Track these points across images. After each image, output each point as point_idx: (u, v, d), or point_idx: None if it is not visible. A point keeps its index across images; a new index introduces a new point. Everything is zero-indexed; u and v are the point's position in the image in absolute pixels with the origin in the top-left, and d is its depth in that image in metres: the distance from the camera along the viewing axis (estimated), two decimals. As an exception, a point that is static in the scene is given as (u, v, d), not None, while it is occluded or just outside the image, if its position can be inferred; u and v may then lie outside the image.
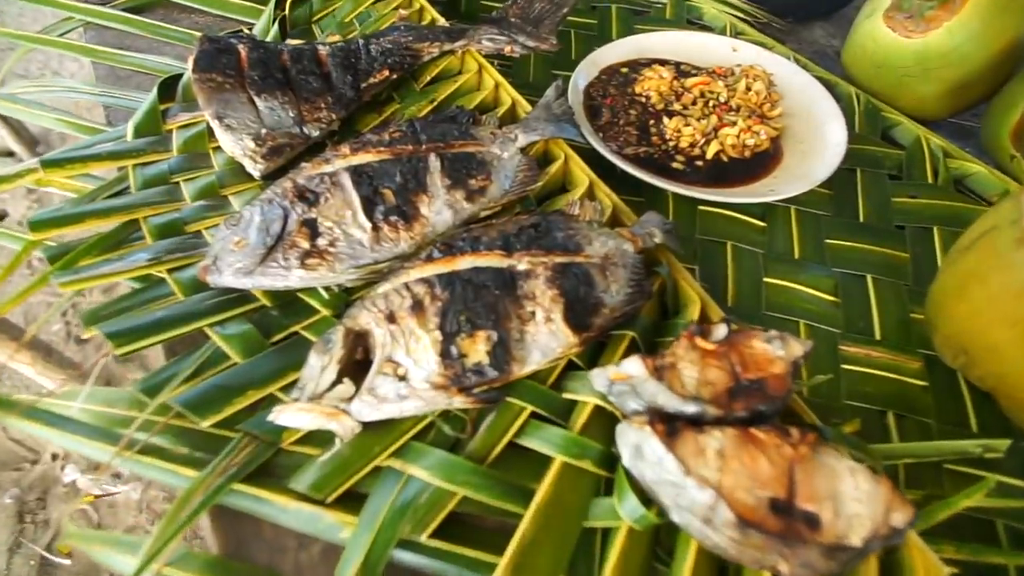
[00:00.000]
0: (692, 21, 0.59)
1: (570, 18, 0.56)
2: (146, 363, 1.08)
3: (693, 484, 0.22)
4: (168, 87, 0.43)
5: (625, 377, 0.25)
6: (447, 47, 0.45)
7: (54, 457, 1.08)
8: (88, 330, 0.29)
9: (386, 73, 0.43)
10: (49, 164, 0.36)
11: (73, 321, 1.23)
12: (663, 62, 0.50)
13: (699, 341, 0.26)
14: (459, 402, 0.27)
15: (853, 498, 0.22)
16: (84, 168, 0.37)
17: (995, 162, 0.46)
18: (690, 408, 0.25)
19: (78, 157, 0.37)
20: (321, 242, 0.31)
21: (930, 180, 0.44)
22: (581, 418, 0.27)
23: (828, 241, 0.40)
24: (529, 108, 0.41)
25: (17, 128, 1.47)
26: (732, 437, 0.23)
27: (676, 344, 0.26)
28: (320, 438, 0.27)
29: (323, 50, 0.43)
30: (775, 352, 0.26)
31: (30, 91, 0.47)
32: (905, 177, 0.45)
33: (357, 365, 0.28)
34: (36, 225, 0.33)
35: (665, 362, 0.25)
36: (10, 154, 1.58)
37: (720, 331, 0.26)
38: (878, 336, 0.35)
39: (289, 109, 0.39)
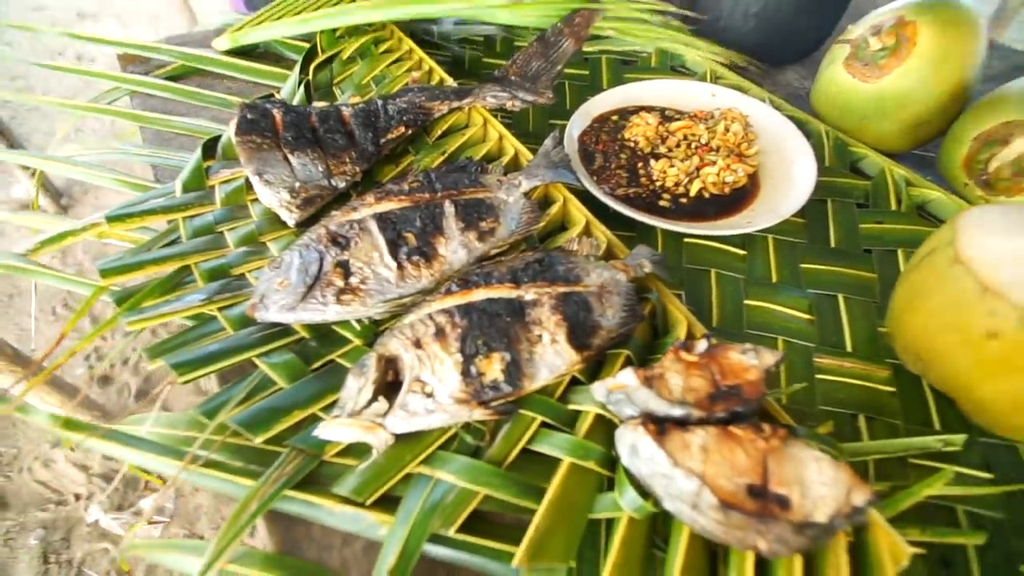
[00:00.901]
0: (675, 68, 0.65)
1: (565, 71, 0.62)
2: (164, 402, 1.12)
3: (681, 474, 0.26)
4: (209, 147, 0.49)
5: (621, 387, 0.29)
6: (455, 104, 0.51)
7: (77, 498, 1.11)
8: (153, 362, 0.34)
9: (402, 129, 0.48)
10: (113, 219, 0.41)
11: (95, 364, 1.28)
12: (649, 109, 0.56)
13: (683, 354, 0.30)
14: (479, 415, 0.31)
15: (818, 482, 0.26)
16: (142, 221, 0.42)
17: (952, 189, 0.50)
18: (677, 411, 0.29)
19: (137, 212, 0.42)
20: (353, 280, 0.36)
21: (894, 207, 0.49)
22: (585, 425, 0.31)
23: (803, 265, 0.45)
24: (530, 156, 0.46)
25: (44, 182, 1.55)
26: (713, 434, 0.27)
27: (664, 357, 0.30)
28: (358, 450, 0.31)
29: (346, 111, 0.49)
30: (749, 362, 0.30)
31: (85, 153, 0.53)
32: (872, 205, 0.49)
33: (389, 385, 0.32)
34: (105, 272, 0.38)
35: (654, 373, 0.29)
36: (31, 206, 1.66)
37: (701, 345, 0.31)
38: (849, 348, 0.39)
39: (319, 164, 0.45)
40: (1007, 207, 0.34)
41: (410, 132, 0.49)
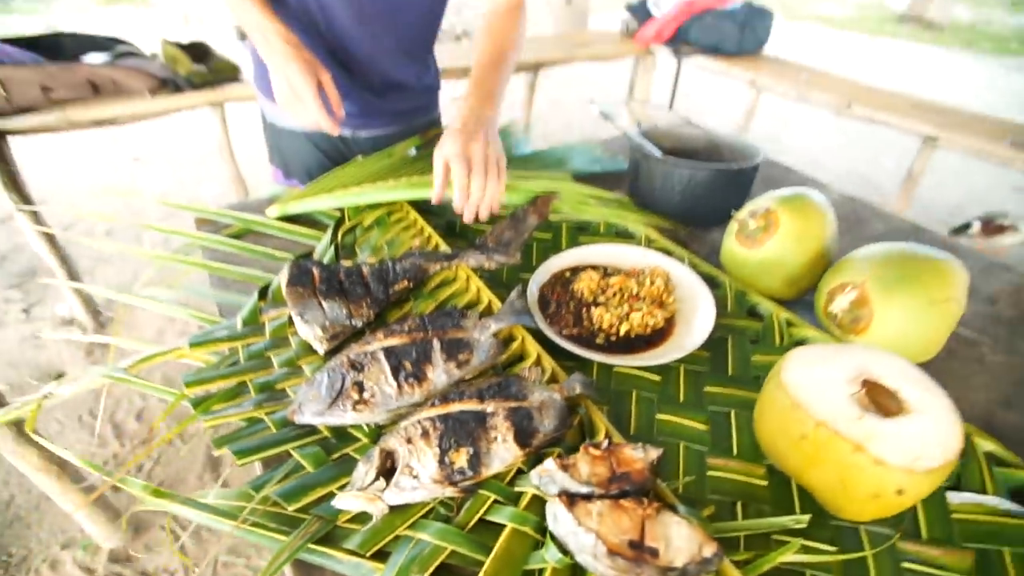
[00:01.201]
0: (619, 233, 0.85)
1: (534, 235, 0.81)
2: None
3: (583, 531, 0.38)
4: (262, 291, 0.65)
5: (546, 472, 0.43)
6: (446, 264, 0.68)
7: None
8: (219, 450, 0.47)
9: (406, 283, 0.65)
10: (194, 344, 0.57)
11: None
12: (595, 266, 0.73)
13: (591, 450, 0.44)
14: (450, 492, 0.44)
15: (678, 538, 0.39)
16: (214, 347, 0.57)
17: (823, 328, 0.66)
18: (584, 489, 0.41)
19: (211, 340, 0.58)
20: (365, 395, 0.50)
21: (778, 343, 0.64)
22: (524, 501, 0.43)
23: (705, 388, 0.59)
24: (500, 304, 0.63)
25: (86, 301, 1.74)
26: (608, 504, 0.40)
27: (578, 453, 0.44)
28: (362, 518, 0.43)
29: (365, 269, 0.66)
30: (637, 455, 0.43)
31: (163, 293, 0.69)
32: (761, 341, 0.65)
33: (387, 470, 0.45)
34: (189, 383, 0.52)
35: (570, 462, 0.43)
36: (72, 322, 1.83)
37: (604, 443, 0.44)
38: (735, 452, 0.52)
39: (343, 308, 0.61)
40: (819, 347, 0.49)
41: (412, 285, 0.66)
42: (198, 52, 1.68)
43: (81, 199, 2.69)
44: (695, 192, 0.85)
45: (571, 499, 0.40)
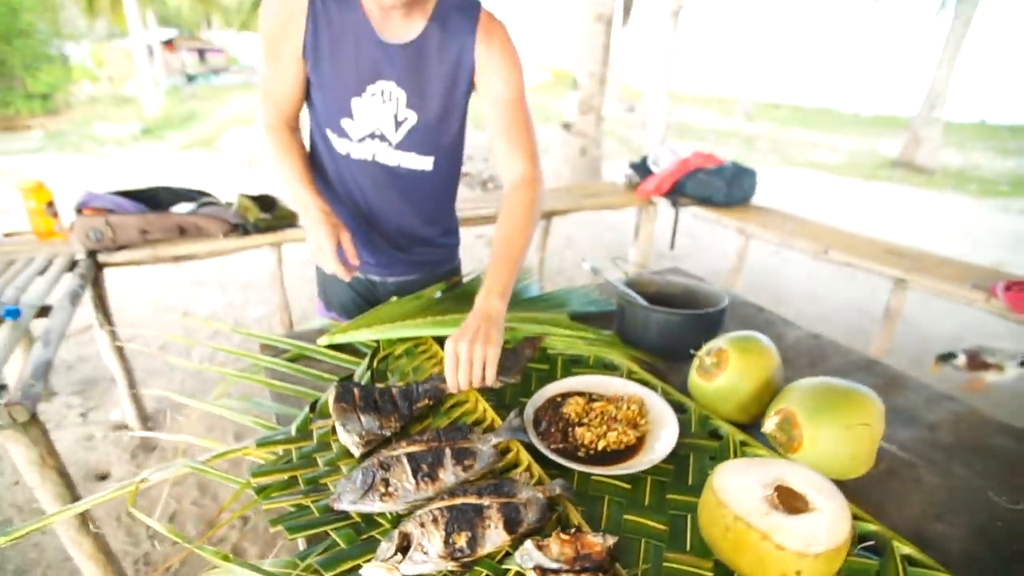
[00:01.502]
0: (606, 364, 1.01)
1: (534, 365, 0.98)
2: None
3: (549, 596, 0.50)
4: (312, 406, 0.82)
5: (526, 550, 0.55)
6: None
7: None
8: (275, 526, 0.61)
9: (427, 401, 0.82)
10: (260, 444, 0.72)
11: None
12: (582, 393, 0.89)
13: (562, 535, 0.57)
14: (452, 566, 0.56)
15: (622, 606, 0.50)
16: (273, 448, 0.73)
17: (771, 446, 0.79)
18: (553, 565, 0.54)
19: (272, 441, 0.73)
20: (391, 489, 0.65)
21: (733, 458, 0.77)
22: (511, 575, 0.56)
23: (668, 496, 0.71)
24: (501, 422, 0.78)
25: (139, 408, 1.91)
26: (570, 577, 0.52)
27: (551, 537, 0.57)
28: (382, 586, 0.55)
29: (394, 390, 0.83)
30: (597, 541, 0.56)
31: (231, 402, 0.86)
32: (719, 458, 0.78)
33: (404, 548, 0.58)
34: (255, 473, 0.67)
35: (544, 543, 0.55)
36: (124, 426, 2.00)
37: (572, 531, 0.57)
38: (688, 548, 0.63)
39: (376, 421, 0.77)
40: (748, 460, 0.63)
41: (431, 403, 0.82)
42: (265, 202, 2.03)
43: (146, 316, 2.99)
44: (670, 332, 1.03)
45: (543, 572, 0.53)
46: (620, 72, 20.03)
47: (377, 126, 1.02)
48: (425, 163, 1.07)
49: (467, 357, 0.80)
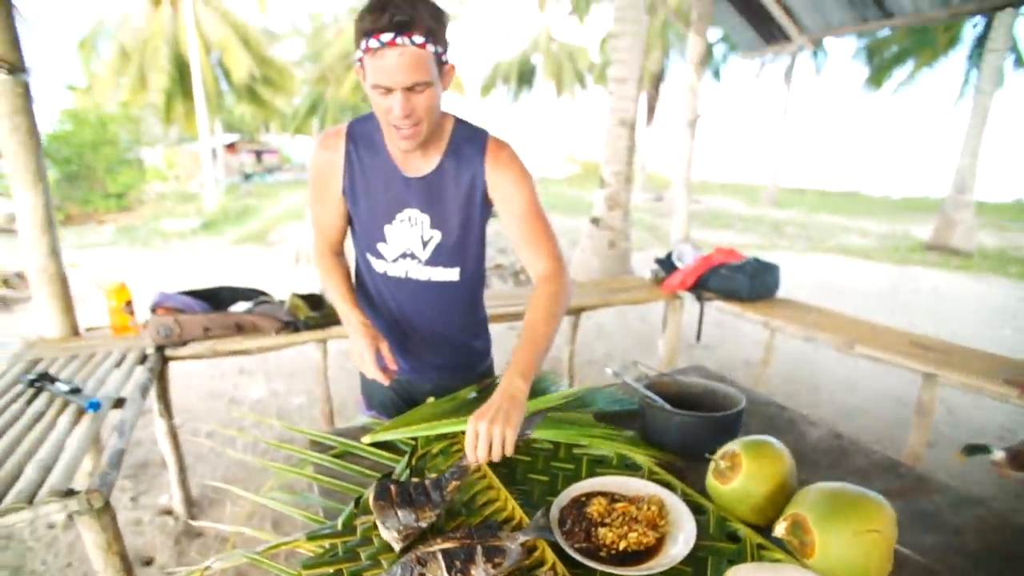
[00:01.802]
0: (628, 464, 1.07)
1: (560, 465, 1.05)
2: None
3: None
4: (356, 502, 0.91)
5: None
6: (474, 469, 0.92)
7: None
8: (325, 621, 0.68)
9: (455, 483, 0.89)
10: (310, 538, 0.81)
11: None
12: (605, 493, 0.95)
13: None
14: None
15: None
16: (321, 541, 0.81)
17: (787, 550, 0.82)
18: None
19: (320, 535, 0.82)
20: (427, 584, 0.71)
21: (749, 561, 0.81)
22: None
23: (686, 599, 0.75)
24: (528, 520, 0.85)
25: (186, 494, 2.00)
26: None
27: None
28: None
29: (427, 482, 0.91)
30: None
31: (281, 495, 0.95)
32: (737, 560, 0.81)
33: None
34: (307, 566, 0.75)
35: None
36: (170, 512, 2.08)
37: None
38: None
39: (412, 515, 0.84)
40: (760, 564, 0.68)
41: (459, 483, 0.89)
42: (315, 301, 2.22)
43: (194, 401, 3.16)
44: (689, 433, 1.09)
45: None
46: (647, 163, 20.93)
47: (408, 247, 1.18)
48: (452, 274, 1.21)
49: (486, 435, 0.89)
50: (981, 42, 10.59)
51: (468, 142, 1.14)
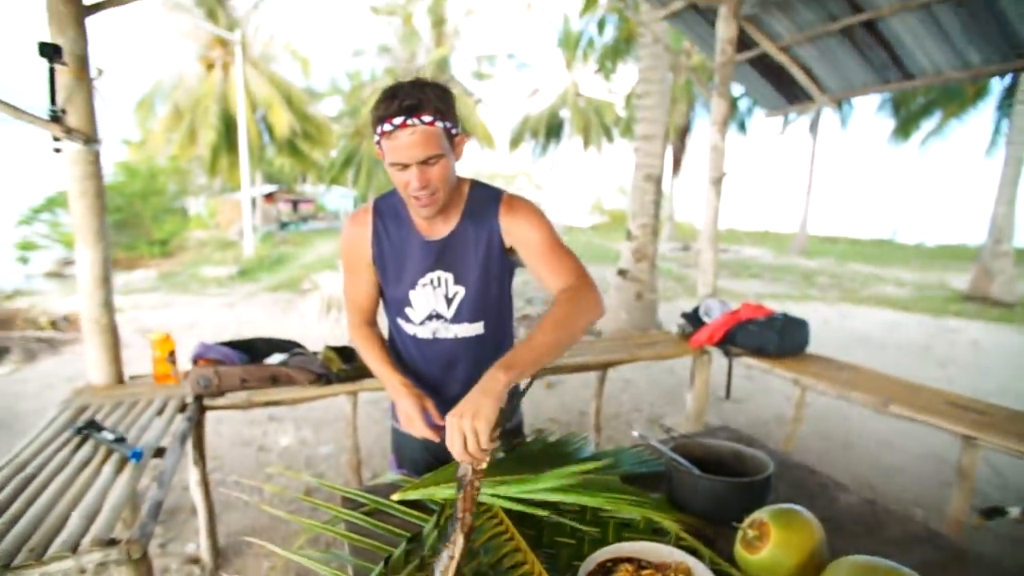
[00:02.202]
0: (656, 529, 1.06)
1: (585, 528, 1.05)
2: None
3: None
4: (386, 561, 0.92)
5: None
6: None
7: None
8: None
9: (459, 496, 0.90)
10: (343, 602, 0.83)
11: None
12: (631, 559, 0.95)
13: None
14: None
15: None
16: (354, 604, 0.83)
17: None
18: None
19: (353, 599, 0.84)
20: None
21: (781, 643, 0.79)
22: None
23: (715, 677, 0.74)
24: (554, 585, 0.85)
25: (213, 543, 2.03)
26: None
27: None
28: None
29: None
30: None
31: (313, 552, 0.98)
32: (767, 640, 0.80)
33: None
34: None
35: None
36: (196, 560, 2.10)
37: None
38: None
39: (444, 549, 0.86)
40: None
41: (461, 493, 0.90)
42: (347, 354, 2.29)
43: (224, 448, 3.22)
44: (716, 499, 1.08)
45: None
46: (675, 212, 21.07)
47: (433, 308, 1.24)
48: (477, 328, 1.26)
49: (458, 429, 0.89)
50: (1010, 93, 10.56)
51: (484, 201, 1.22)
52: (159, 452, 1.64)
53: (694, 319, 2.94)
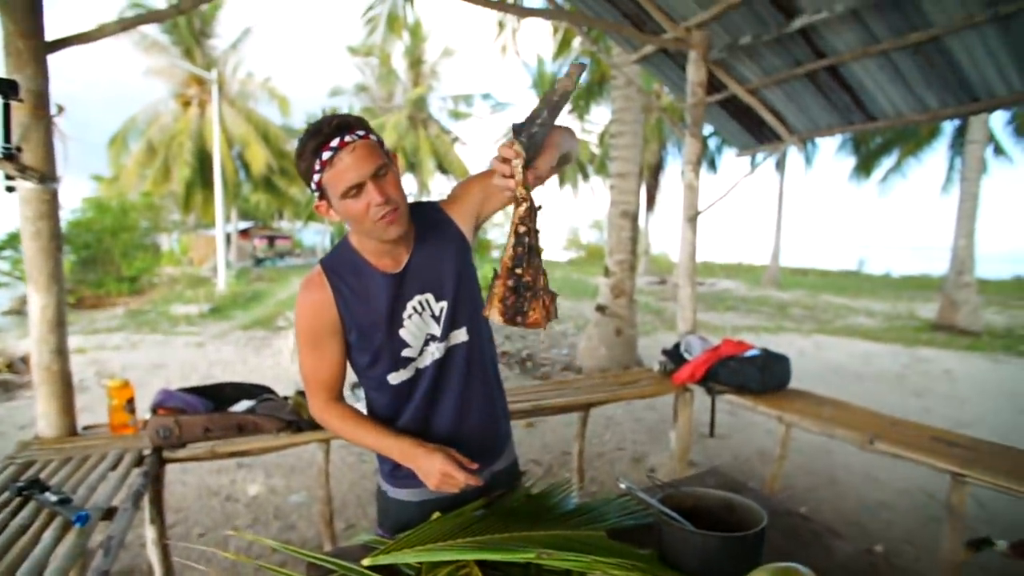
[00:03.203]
0: (648, 592, 0.99)
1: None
2: None
3: None
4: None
5: None
6: None
7: None
8: None
9: None
10: None
11: None
12: (623, 628, 0.87)
13: None
14: None
15: None
16: None
17: None
18: None
19: None
20: None
21: None
22: None
23: None
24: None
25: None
26: None
27: None
28: None
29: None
30: None
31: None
32: None
33: None
34: None
35: None
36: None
37: None
38: None
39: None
40: None
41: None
42: (319, 397, 2.19)
43: (190, 497, 3.02)
44: (709, 555, 1.02)
45: None
46: (650, 246, 21.42)
47: (427, 332, 1.18)
48: (462, 335, 1.20)
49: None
50: (960, 133, 11.15)
51: (428, 214, 1.20)
52: (109, 513, 1.51)
53: (675, 356, 2.91)
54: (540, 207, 0.94)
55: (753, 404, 2.51)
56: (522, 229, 0.90)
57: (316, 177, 1.04)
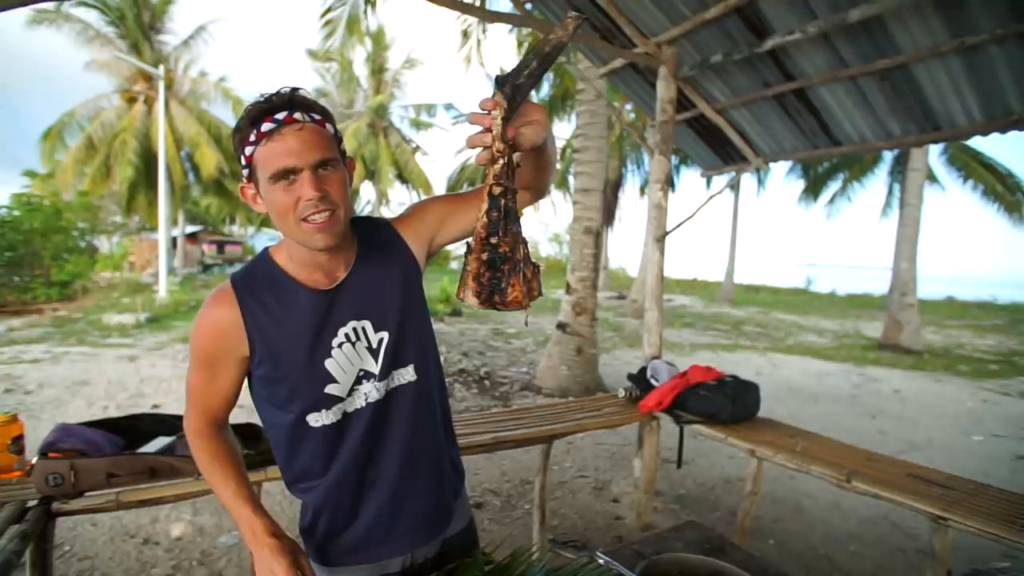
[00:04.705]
0: None
1: None
2: None
3: None
4: None
5: None
6: None
7: None
8: None
9: None
10: None
11: None
12: None
13: None
14: None
15: None
16: None
17: None
18: None
19: None
20: None
21: None
22: None
23: None
24: None
25: None
26: None
27: None
28: None
29: None
30: None
31: None
32: None
33: None
34: None
35: None
36: None
37: None
38: None
39: None
40: None
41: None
42: (249, 433, 1.92)
43: (101, 542, 2.65)
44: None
45: None
46: (608, 262, 21.59)
47: (360, 367, 0.98)
48: (408, 374, 1.02)
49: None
50: (900, 160, 11.71)
51: (376, 230, 1.04)
52: (-33, 591, 1.22)
53: (641, 382, 2.78)
54: (519, 165, 0.77)
55: (724, 436, 2.39)
56: (497, 190, 0.72)
57: (248, 149, 0.86)
